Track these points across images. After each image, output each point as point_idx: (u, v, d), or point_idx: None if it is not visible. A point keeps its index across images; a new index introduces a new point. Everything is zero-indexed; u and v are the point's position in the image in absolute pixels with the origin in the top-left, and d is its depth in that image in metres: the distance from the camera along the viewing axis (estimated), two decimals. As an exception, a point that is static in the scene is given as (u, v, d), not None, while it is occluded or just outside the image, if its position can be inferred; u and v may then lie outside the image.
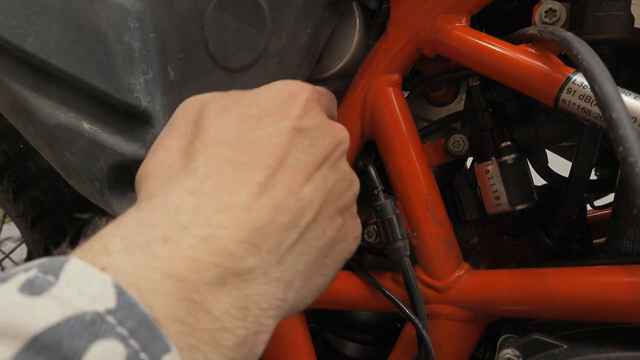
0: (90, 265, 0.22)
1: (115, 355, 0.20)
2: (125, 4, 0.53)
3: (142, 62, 0.53)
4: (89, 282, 0.21)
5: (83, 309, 0.20)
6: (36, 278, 0.20)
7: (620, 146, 0.31)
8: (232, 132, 0.33)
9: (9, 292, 0.20)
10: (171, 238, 0.25)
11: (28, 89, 0.50)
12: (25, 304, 0.19)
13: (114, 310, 0.21)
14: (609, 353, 0.39)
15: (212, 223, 0.27)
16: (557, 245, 0.49)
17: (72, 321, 0.19)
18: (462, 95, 0.54)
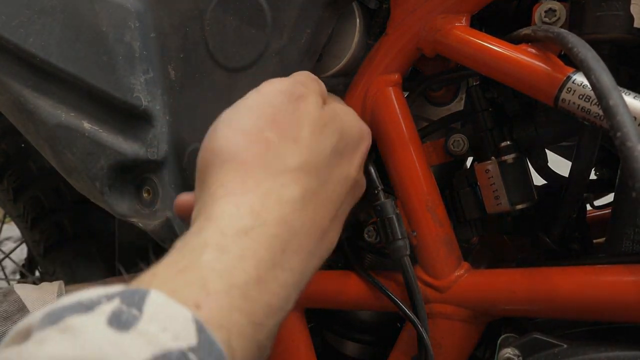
0: (170, 299, 0.23)
1: None
2: (125, 3, 0.53)
3: (142, 61, 0.53)
4: (172, 319, 0.22)
5: (168, 346, 0.21)
6: (121, 312, 0.21)
7: (618, 132, 0.32)
8: (323, 163, 0.36)
9: (99, 326, 0.21)
10: (264, 280, 0.27)
11: (29, 88, 0.50)
12: (117, 342, 0.20)
13: (196, 348, 0.22)
14: (609, 352, 0.39)
15: (276, 263, 0.29)
16: (557, 245, 0.49)
17: (160, 359, 0.20)
18: (462, 95, 0.54)
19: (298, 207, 0.32)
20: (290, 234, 0.31)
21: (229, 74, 0.49)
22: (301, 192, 0.33)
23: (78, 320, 0.21)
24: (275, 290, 0.28)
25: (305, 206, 0.33)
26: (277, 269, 0.29)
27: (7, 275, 1.21)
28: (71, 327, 0.20)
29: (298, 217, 0.32)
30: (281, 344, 0.56)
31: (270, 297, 0.27)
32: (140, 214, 0.55)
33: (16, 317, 0.48)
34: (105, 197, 0.53)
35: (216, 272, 0.26)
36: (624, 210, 0.45)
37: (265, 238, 0.29)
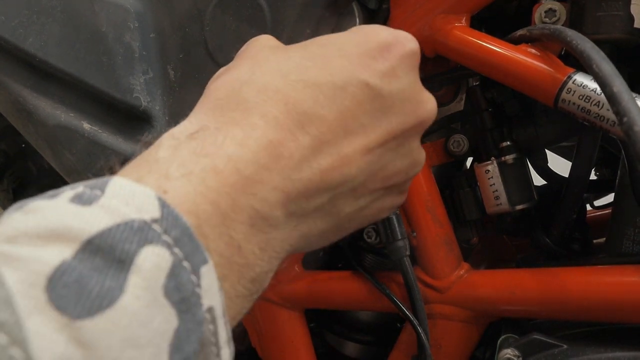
0: (133, 181, 0.23)
1: (162, 260, 0.21)
2: (125, 4, 0.53)
3: (142, 62, 0.53)
4: (134, 195, 0.22)
5: (131, 216, 0.21)
6: (84, 192, 0.22)
7: (625, 117, 0.32)
8: (295, 61, 0.31)
9: (60, 203, 0.21)
10: (222, 172, 0.26)
11: (28, 88, 0.50)
12: (77, 212, 0.21)
13: (159, 219, 0.22)
14: (609, 353, 0.39)
15: (256, 161, 0.27)
16: (557, 245, 0.49)
17: (122, 227, 0.21)
18: (462, 95, 0.54)
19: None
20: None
21: (228, 74, 0.49)
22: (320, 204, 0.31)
23: (42, 203, 0.21)
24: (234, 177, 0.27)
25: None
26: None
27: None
28: (34, 208, 0.21)
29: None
30: (281, 344, 0.56)
31: (230, 189, 0.26)
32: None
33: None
34: (104, 198, 0.53)
35: (175, 163, 0.26)
36: (624, 211, 0.45)
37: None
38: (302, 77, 0.30)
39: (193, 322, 0.22)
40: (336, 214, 0.33)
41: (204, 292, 0.22)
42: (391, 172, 0.34)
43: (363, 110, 0.31)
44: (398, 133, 0.32)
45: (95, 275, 0.19)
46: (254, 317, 0.57)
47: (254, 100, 0.29)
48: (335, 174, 0.30)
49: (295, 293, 0.55)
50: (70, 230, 0.20)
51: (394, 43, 0.32)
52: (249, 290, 0.28)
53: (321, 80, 0.30)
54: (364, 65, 0.31)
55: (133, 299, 0.20)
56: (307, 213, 0.31)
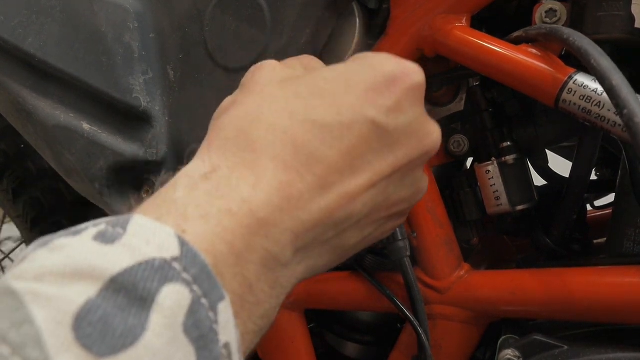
0: (153, 220, 0.24)
1: (182, 298, 0.22)
2: (125, 4, 0.53)
3: (141, 62, 0.53)
4: (155, 234, 0.23)
5: (152, 255, 0.22)
6: (106, 231, 0.23)
7: (625, 109, 0.33)
8: (301, 100, 0.31)
9: (84, 242, 0.22)
10: (236, 213, 0.27)
11: (28, 89, 0.49)
12: (101, 251, 0.22)
13: (179, 258, 0.23)
14: (609, 354, 0.39)
15: (269, 203, 0.28)
16: (557, 245, 0.49)
17: (144, 266, 0.22)
18: (462, 95, 0.54)
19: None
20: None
21: (228, 74, 0.49)
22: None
23: (66, 240, 0.22)
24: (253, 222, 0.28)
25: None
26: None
27: (7, 275, 1.21)
28: (59, 245, 0.22)
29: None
30: (281, 344, 0.56)
31: (245, 230, 0.27)
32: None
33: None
34: (104, 198, 0.53)
35: (192, 205, 0.27)
36: (624, 211, 0.45)
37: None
38: (309, 117, 0.30)
39: (210, 359, 0.22)
40: (341, 246, 0.34)
41: (221, 328, 0.23)
42: (395, 201, 0.34)
43: (369, 147, 0.31)
44: (403, 166, 0.33)
45: (119, 313, 0.20)
46: (254, 317, 0.57)
47: (263, 141, 0.30)
48: (341, 212, 0.31)
49: (295, 293, 0.55)
50: (94, 269, 0.21)
51: (401, 76, 0.32)
52: (259, 327, 0.28)
53: (328, 120, 0.30)
54: (370, 102, 0.31)
55: (155, 337, 0.20)
56: (314, 248, 0.32)
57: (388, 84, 0.31)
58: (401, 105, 0.32)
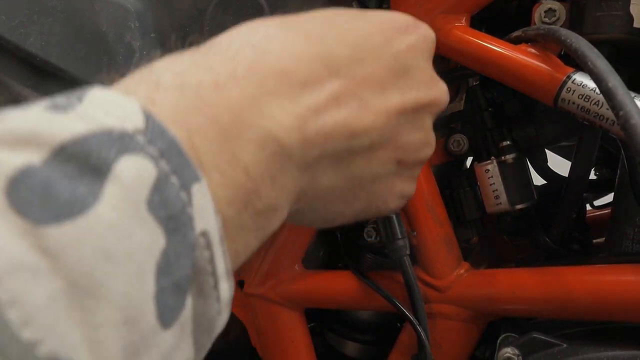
0: (116, 91, 0.21)
1: (145, 171, 0.19)
2: (125, 3, 0.53)
3: (142, 62, 0.53)
4: (116, 105, 0.20)
5: (110, 125, 0.19)
6: (59, 102, 0.19)
7: (621, 111, 0.33)
8: (332, 25, 0.30)
9: (33, 111, 0.19)
10: (223, 86, 0.24)
11: (28, 88, 0.50)
12: (50, 118, 0.18)
13: (143, 130, 0.20)
14: (608, 352, 0.39)
15: (263, 84, 0.25)
16: (556, 244, 0.49)
17: (99, 135, 0.18)
18: (462, 95, 0.54)
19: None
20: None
21: (229, 74, 0.49)
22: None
23: (13, 112, 0.20)
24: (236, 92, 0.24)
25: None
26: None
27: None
28: (3, 117, 0.19)
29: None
30: (281, 343, 0.56)
31: (232, 104, 0.24)
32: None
33: None
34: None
35: (169, 72, 0.24)
36: (623, 210, 0.45)
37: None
38: (341, 34, 0.29)
39: (184, 244, 0.19)
40: (347, 171, 0.31)
41: (196, 212, 0.20)
42: (405, 142, 0.34)
43: (390, 76, 0.31)
44: (415, 104, 0.32)
45: (65, 181, 0.17)
46: (254, 316, 0.57)
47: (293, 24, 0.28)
48: (357, 123, 0.29)
49: (295, 293, 0.55)
50: (40, 136, 0.18)
51: (418, 24, 0.33)
52: (255, 224, 0.25)
53: (360, 41, 0.30)
54: (393, 36, 0.31)
55: (109, 209, 0.18)
56: (322, 159, 0.29)
57: (408, 27, 0.32)
58: (418, 47, 0.32)
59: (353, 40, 0.29)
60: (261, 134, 0.24)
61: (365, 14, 0.32)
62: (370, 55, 0.30)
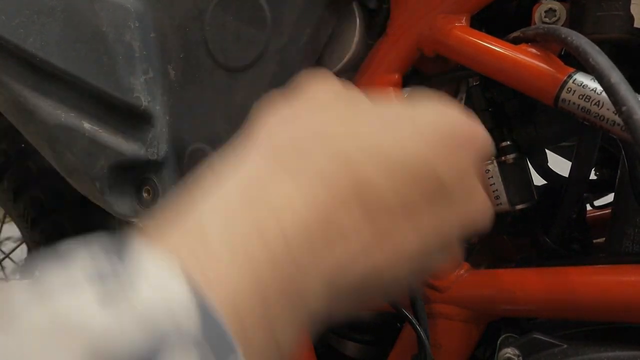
0: (167, 269, 0.20)
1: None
2: (125, 3, 0.53)
3: (142, 61, 0.53)
4: (169, 293, 0.19)
5: (165, 329, 0.18)
6: (111, 286, 0.18)
7: (624, 107, 0.33)
8: (367, 134, 0.27)
9: (84, 300, 0.18)
10: (276, 260, 0.23)
11: (29, 88, 0.50)
12: (102, 317, 0.17)
13: (200, 329, 0.19)
14: (609, 352, 0.39)
15: (313, 247, 0.24)
16: (557, 244, 0.49)
17: (152, 342, 0.18)
18: (462, 95, 0.54)
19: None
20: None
21: (229, 74, 0.49)
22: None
23: (63, 298, 0.18)
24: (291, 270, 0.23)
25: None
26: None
27: (7, 275, 1.21)
28: (53, 299, 0.18)
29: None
30: (281, 344, 0.56)
31: (282, 274, 0.23)
32: (140, 214, 0.55)
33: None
34: (105, 197, 0.53)
35: (216, 224, 0.23)
36: (624, 210, 0.45)
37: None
38: (373, 144, 0.27)
39: None
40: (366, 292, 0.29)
41: None
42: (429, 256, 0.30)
43: (427, 202, 0.28)
44: (447, 230, 0.29)
45: None
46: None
47: (315, 157, 0.26)
48: (388, 274, 0.27)
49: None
50: (90, 341, 0.17)
51: (475, 138, 0.30)
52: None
53: (394, 156, 0.27)
54: (441, 156, 0.28)
55: None
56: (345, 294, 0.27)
57: (460, 144, 0.29)
58: (468, 170, 0.29)
59: (393, 160, 0.26)
60: (299, 318, 0.24)
61: (415, 116, 0.28)
62: (411, 177, 0.27)
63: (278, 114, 0.29)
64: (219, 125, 0.50)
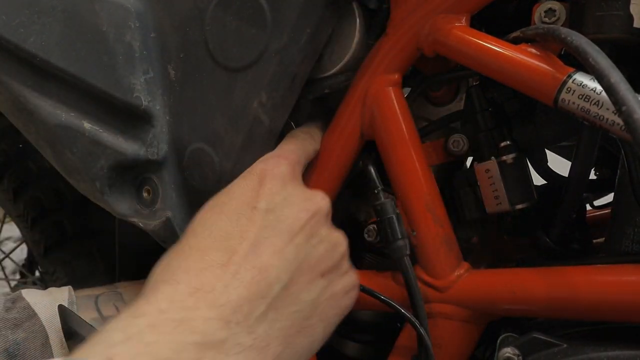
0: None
1: None
2: (125, 3, 0.53)
3: (142, 61, 0.53)
4: None
5: None
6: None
7: (623, 106, 0.33)
8: (199, 223, 0.39)
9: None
10: (156, 325, 0.31)
11: (29, 88, 0.50)
12: None
13: None
14: (608, 352, 0.39)
15: (184, 306, 0.33)
16: (556, 244, 0.49)
17: None
18: (462, 95, 0.54)
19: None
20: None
21: (229, 74, 0.49)
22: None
23: None
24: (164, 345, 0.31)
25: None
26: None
27: (7, 275, 1.21)
28: None
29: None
30: (281, 344, 0.56)
31: (168, 336, 0.31)
32: (140, 214, 0.55)
33: (27, 324, 0.48)
34: (105, 197, 0.53)
35: (117, 330, 0.31)
36: (623, 210, 0.45)
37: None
38: (207, 229, 0.39)
39: None
40: (283, 317, 0.37)
41: None
42: (314, 260, 0.40)
43: (257, 226, 0.38)
44: (296, 229, 0.39)
45: None
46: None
47: (176, 259, 0.37)
48: (260, 282, 0.36)
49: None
50: None
51: (264, 172, 0.41)
52: None
53: (226, 229, 0.38)
54: (246, 199, 0.39)
55: None
56: (252, 326, 0.35)
57: (259, 184, 0.40)
58: (273, 192, 0.40)
59: (225, 231, 0.38)
60: (197, 349, 0.31)
61: (230, 191, 0.41)
62: (240, 223, 0.38)
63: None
64: (219, 125, 0.50)
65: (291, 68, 0.46)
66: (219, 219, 0.39)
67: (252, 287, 0.35)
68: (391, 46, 0.49)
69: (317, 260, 0.40)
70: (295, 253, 0.38)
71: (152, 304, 0.33)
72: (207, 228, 0.38)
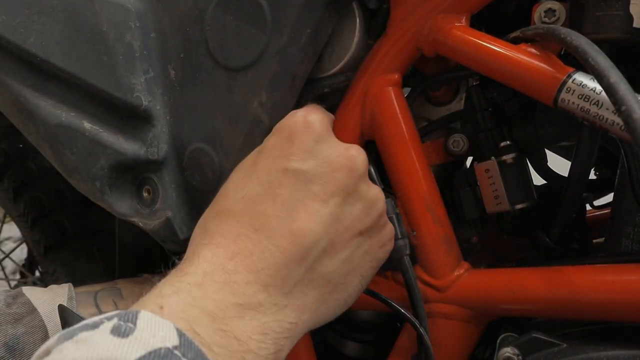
0: (155, 315, 0.29)
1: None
2: (126, 3, 0.53)
3: (142, 61, 0.53)
4: (159, 327, 0.28)
5: (158, 346, 0.27)
6: (120, 325, 0.28)
7: (623, 106, 0.33)
8: (233, 184, 0.39)
9: (105, 336, 0.27)
10: (202, 284, 0.33)
11: (29, 88, 0.50)
12: (119, 344, 0.27)
13: (179, 346, 0.28)
14: (608, 351, 0.39)
15: (225, 269, 0.35)
16: (556, 244, 0.50)
17: (153, 354, 0.26)
18: (462, 95, 0.54)
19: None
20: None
21: (229, 74, 0.49)
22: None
23: (87, 334, 0.27)
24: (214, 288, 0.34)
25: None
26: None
27: (7, 275, 1.21)
28: (83, 339, 0.27)
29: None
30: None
31: (212, 294, 0.33)
32: (141, 214, 0.55)
33: (27, 319, 0.48)
34: (105, 197, 0.53)
35: (166, 284, 0.34)
36: (623, 210, 0.45)
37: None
38: (240, 193, 0.39)
39: None
40: (321, 278, 0.38)
41: None
42: (350, 220, 0.39)
43: (293, 188, 0.37)
44: (334, 189, 0.38)
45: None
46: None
47: (213, 223, 0.38)
48: (297, 247, 0.36)
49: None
50: (115, 359, 0.26)
51: (294, 129, 0.39)
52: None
53: (257, 189, 0.38)
54: (278, 158, 0.38)
55: None
56: (290, 289, 0.36)
57: (289, 138, 0.39)
58: (307, 150, 0.38)
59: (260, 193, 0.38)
60: (237, 309, 0.33)
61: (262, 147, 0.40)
62: (272, 189, 0.38)
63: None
64: (219, 125, 0.50)
65: (291, 68, 0.46)
66: (250, 180, 0.38)
67: (288, 252, 0.36)
68: (391, 46, 0.49)
69: (355, 219, 0.39)
70: (331, 215, 0.38)
71: (196, 265, 0.35)
72: (240, 190, 0.38)
